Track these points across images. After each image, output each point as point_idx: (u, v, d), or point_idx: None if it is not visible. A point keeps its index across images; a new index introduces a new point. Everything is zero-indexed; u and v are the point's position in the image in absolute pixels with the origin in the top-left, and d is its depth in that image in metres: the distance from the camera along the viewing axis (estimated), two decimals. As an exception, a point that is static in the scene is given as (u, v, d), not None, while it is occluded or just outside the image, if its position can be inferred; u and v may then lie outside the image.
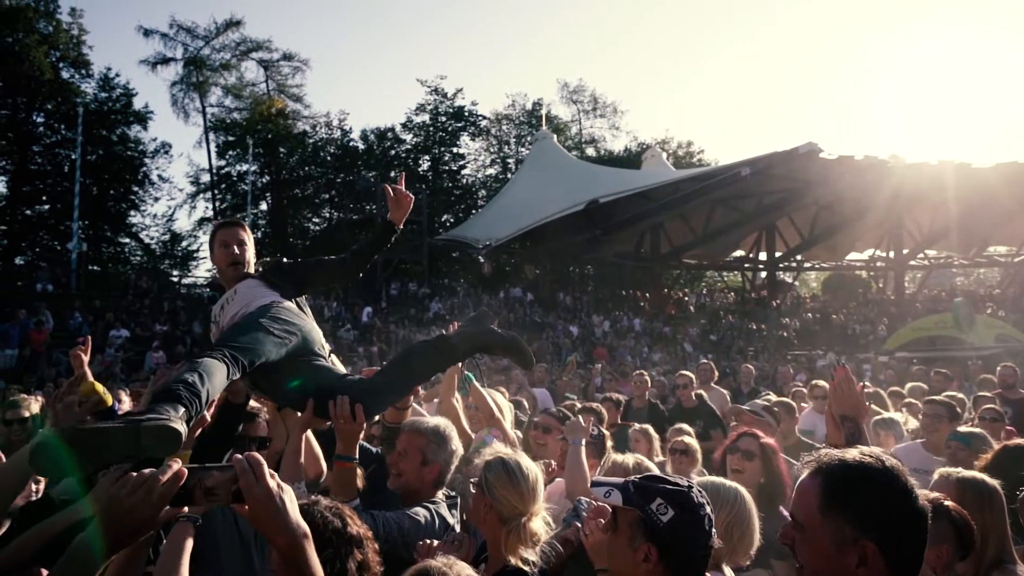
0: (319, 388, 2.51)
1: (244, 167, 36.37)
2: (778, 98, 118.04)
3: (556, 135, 40.30)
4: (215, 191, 38.75)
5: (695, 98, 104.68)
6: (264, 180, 39.77)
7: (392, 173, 42.18)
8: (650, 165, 36.96)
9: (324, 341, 2.84)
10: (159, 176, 37.79)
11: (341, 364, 3.09)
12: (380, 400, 2.72)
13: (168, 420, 1.85)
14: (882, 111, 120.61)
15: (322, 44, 79.60)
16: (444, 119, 43.13)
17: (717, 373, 8.36)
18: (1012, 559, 2.32)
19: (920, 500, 1.39)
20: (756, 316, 30.15)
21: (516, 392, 7.46)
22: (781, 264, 36.03)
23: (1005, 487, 2.49)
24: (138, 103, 35.49)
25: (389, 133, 42.63)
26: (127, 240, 37.82)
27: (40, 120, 33.06)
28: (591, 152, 46.82)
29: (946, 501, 2.16)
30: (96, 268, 30.85)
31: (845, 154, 26.20)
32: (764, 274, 36.00)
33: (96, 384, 3.90)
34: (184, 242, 39.33)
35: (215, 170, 38.71)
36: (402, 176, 2.98)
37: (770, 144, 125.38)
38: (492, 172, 46.12)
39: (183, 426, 1.89)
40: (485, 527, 2.37)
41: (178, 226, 42.41)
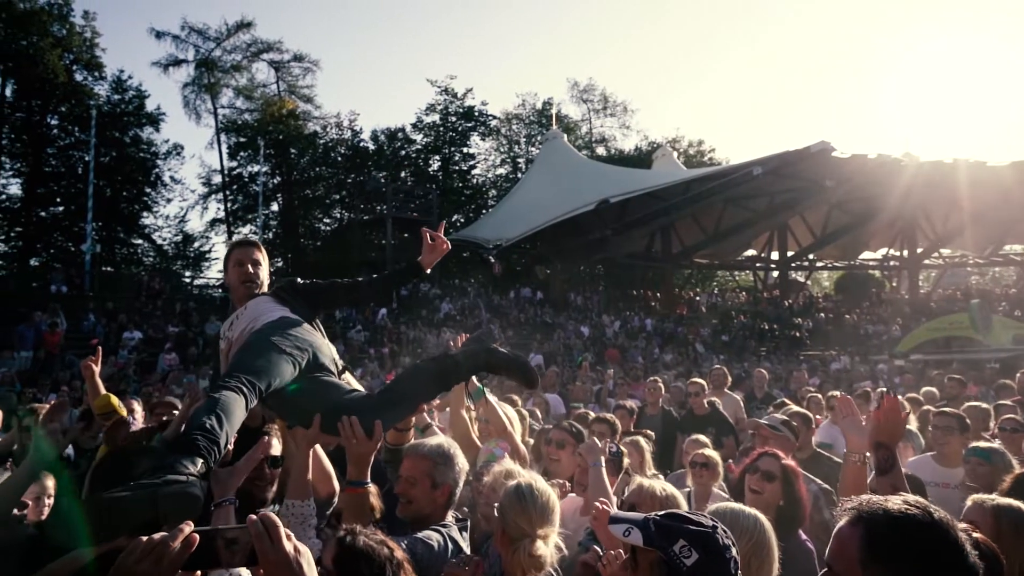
0: (326, 404, 2.48)
1: (255, 168, 36.48)
2: (790, 97, 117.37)
3: (566, 134, 40.21)
4: (227, 192, 38.90)
5: (706, 97, 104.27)
6: (275, 181, 39.88)
7: (403, 173, 42.31)
8: (661, 164, 36.82)
9: (336, 357, 2.82)
10: (171, 177, 38.02)
11: (356, 381, 3.05)
12: (386, 419, 2.69)
13: (186, 485, 1.84)
14: (895, 110, 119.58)
15: (332, 45, 79.84)
16: (454, 119, 43.13)
17: (730, 379, 8.26)
18: None
19: (971, 557, 1.29)
20: (768, 316, 29.96)
21: (528, 398, 7.41)
22: (793, 263, 35.81)
23: None
24: (150, 105, 35.71)
25: (399, 133, 42.71)
26: (140, 241, 38.01)
27: (54, 122, 33.29)
28: (601, 151, 46.68)
29: (975, 533, 2.09)
30: (109, 269, 31.05)
31: (858, 153, 26.00)
32: (776, 274, 35.79)
33: (111, 397, 3.90)
34: (196, 243, 39.57)
35: (227, 171, 38.87)
36: (440, 225, 2.99)
37: (782, 143, 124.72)
38: (502, 172, 46.15)
39: (200, 489, 1.88)
40: (500, 547, 2.41)
41: (190, 227, 42.65)
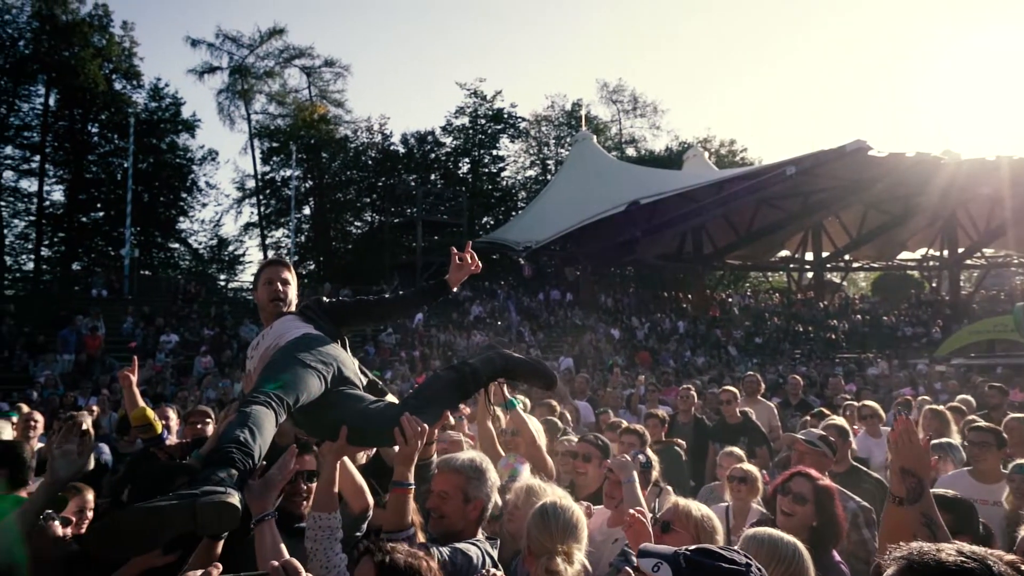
0: (351, 416, 2.49)
1: (288, 172, 37.03)
2: (823, 95, 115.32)
3: (596, 136, 39.99)
4: (260, 196, 39.54)
5: (737, 96, 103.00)
6: (307, 185, 40.42)
7: (432, 176, 42.55)
8: (692, 165, 36.43)
9: (359, 371, 2.83)
10: (206, 183, 39.02)
11: (391, 394, 3.05)
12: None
13: (224, 495, 1.83)
14: (933, 108, 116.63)
15: (363, 49, 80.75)
16: (483, 121, 43.23)
17: (763, 385, 8.11)
18: None
19: None
20: (803, 318, 29.45)
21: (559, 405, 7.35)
22: (828, 264, 35.13)
23: None
24: (186, 112, 36.53)
25: (429, 136, 42.96)
26: (176, 245, 38.90)
27: (95, 130, 34.17)
28: (631, 152, 46.37)
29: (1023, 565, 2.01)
30: (147, 273, 31.77)
31: (895, 151, 25.40)
32: (811, 274, 35.14)
33: (147, 411, 3.98)
34: (231, 247, 40.37)
35: (260, 176, 39.53)
36: (468, 244, 2.98)
37: (815, 142, 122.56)
38: (532, 174, 46.09)
39: (238, 498, 1.88)
40: (528, 564, 2.43)
41: (224, 231, 43.52)
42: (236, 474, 1.94)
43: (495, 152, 44.39)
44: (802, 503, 2.89)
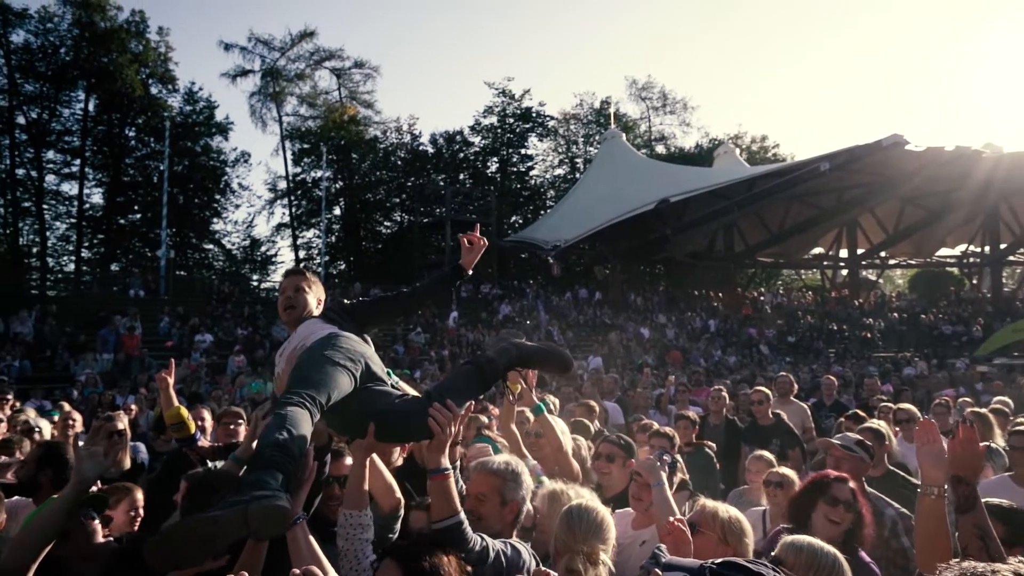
0: (379, 412, 2.50)
1: (318, 173, 37.44)
2: (857, 90, 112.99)
3: (625, 133, 39.73)
4: (291, 197, 40.07)
5: (769, 91, 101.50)
6: (337, 185, 40.81)
7: (461, 176, 42.68)
8: (723, 162, 35.97)
9: (383, 367, 2.85)
10: (239, 184, 39.57)
11: (412, 389, 3.07)
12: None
13: (273, 498, 1.88)
14: (973, 101, 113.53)
15: (391, 50, 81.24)
16: (512, 120, 43.25)
17: (796, 387, 7.96)
18: None
19: None
20: (837, 316, 28.88)
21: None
22: (863, 261, 34.41)
23: None
24: (219, 115, 37.24)
25: (458, 136, 43.10)
26: (210, 246, 39.64)
27: (132, 134, 35.01)
28: (661, 150, 45.97)
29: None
30: (183, 274, 32.42)
31: (933, 145, 24.78)
32: (845, 272, 34.45)
33: (182, 410, 4.04)
34: (263, 247, 40.97)
35: (291, 177, 40.06)
36: (475, 226, 3.01)
37: (849, 137, 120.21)
38: (560, 172, 45.96)
39: (287, 500, 1.93)
40: (556, 566, 2.46)
41: (257, 232, 44.17)
42: (281, 476, 1.97)
43: (523, 151, 44.45)
44: (849, 509, 2.83)
